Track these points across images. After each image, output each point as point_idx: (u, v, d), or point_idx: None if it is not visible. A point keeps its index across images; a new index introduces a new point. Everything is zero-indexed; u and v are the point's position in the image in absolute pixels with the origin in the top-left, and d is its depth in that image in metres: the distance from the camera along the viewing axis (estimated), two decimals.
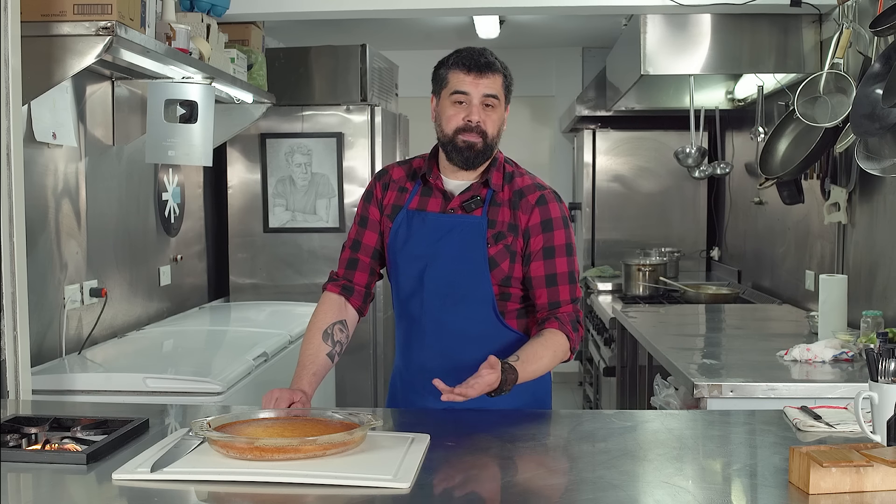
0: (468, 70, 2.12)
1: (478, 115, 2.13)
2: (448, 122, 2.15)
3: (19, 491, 1.65)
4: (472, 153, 2.14)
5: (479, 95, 2.12)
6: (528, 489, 1.64)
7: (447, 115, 2.15)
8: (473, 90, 2.12)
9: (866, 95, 2.96)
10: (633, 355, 4.24)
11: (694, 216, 5.90)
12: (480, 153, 2.15)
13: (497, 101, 2.14)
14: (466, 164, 2.17)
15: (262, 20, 4.23)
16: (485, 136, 2.14)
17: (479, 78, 2.12)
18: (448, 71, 2.16)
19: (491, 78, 2.13)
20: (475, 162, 2.17)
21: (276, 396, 2.03)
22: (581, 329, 2.19)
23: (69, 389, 2.77)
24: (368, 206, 2.30)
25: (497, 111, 2.15)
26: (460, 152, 2.15)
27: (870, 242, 3.35)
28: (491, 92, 2.13)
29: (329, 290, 2.29)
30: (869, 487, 1.51)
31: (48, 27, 2.57)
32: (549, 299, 2.18)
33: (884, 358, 1.76)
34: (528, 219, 2.17)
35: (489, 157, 2.18)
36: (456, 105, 2.14)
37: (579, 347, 2.24)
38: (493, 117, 2.15)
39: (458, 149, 2.15)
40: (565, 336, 2.13)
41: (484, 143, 2.14)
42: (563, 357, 2.15)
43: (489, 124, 2.14)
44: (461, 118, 2.13)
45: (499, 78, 2.15)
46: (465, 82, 2.12)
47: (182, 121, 3.35)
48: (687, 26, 3.90)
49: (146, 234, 3.94)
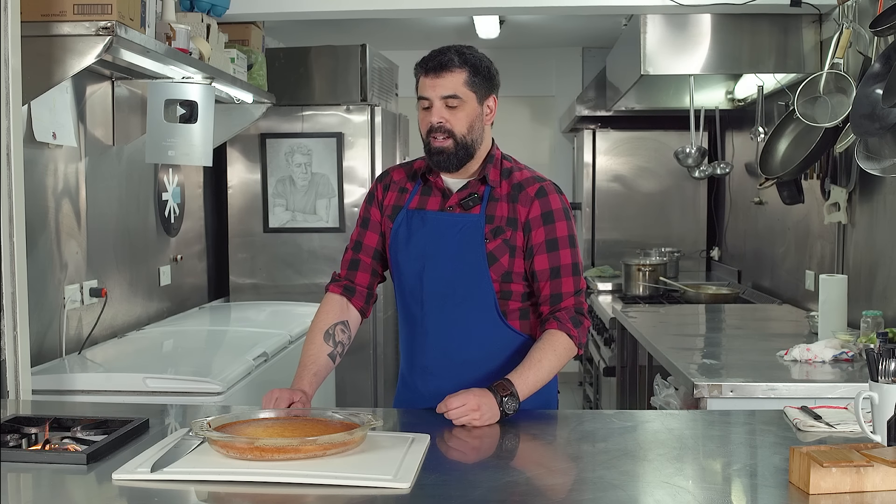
0: (426, 72, 2.13)
1: (437, 117, 2.12)
2: (420, 127, 2.17)
3: (19, 491, 1.65)
4: (444, 156, 2.13)
5: (437, 97, 2.12)
6: (528, 489, 1.64)
7: (419, 119, 2.18)
8: (432, 93, 2.12)
9: (866, 95, 2.96)
10: (633, 355, 4.24)
11: (694, 216, 5.90)
12: (453, 155, 2.14)
13: (458, 101, 2.12)
14: (441, 167, 2.16)
15: (262, 20, 4.23)
16: (453, 135, 2.12)
17: (436, 79, 2.11)
18: (417, 75, 2.17)
19: (447, 77, 2.11)
20: (450, 164, 2.15)
21: (276, 396, 2.04)
22: (586, 320, 2.18)
23: (69, 389, 2.77)
24: (370, 207, 2.31)
25: (463, 109, 2.13)
26: (433, 156, 2.15)
27: (870, 242, 3.35)
28: (448, 92, 2.11)
29: (331, 291, 2.29)
30: (869, 487, 1.51)
31: (48, 27, 2.57)
32: (552, 291, 2.17)
33: (884, 358, 1.76)
34: (528, 211, 2.16)
35: (468, 155, 2.16)
36: (423, 110, 2.15)
37: (587, 340, 2.24)
38: (458, 116, 2.12)
39: (431, 153, 2.15)
40: (566, 334, 2.12)
41: (455, 144, 2.13)
42: (568, 354, 2.14)
43: (455, 123, 2.12)
44: (428, 121, 2.14)
45: (459, 75, 2.11)
46: (425, 86, 2.13)
47: (182, 121, 3.35)
48: (687, 26, 3.90)
49: (146, 234, 3.94)
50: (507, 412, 1.99)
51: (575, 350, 2.15)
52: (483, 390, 2.01)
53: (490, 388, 2.01)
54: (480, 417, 1.96)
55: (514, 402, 2.00)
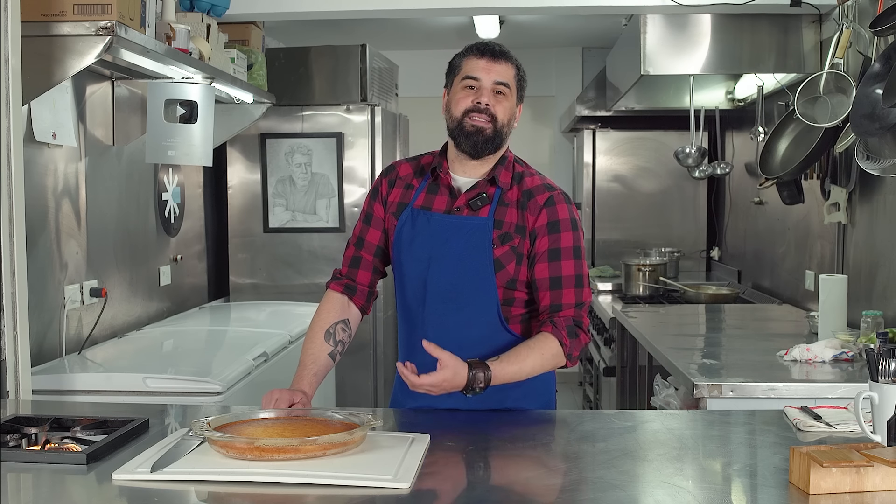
0: (481, 55, 2.14)
1: (488, 98, 2.12)
2: (457, 105, 2.14)
3: (19, 491, 1.65)
4: (481, 137, 2.12)
5: (490, 81, 2.12)
6: (528, 489, 1.64)
7: (457, 98, 2.15)
8: (485, 75, 2.12)
9: (866, 95, 2.96)
10: (633, 355, 4.24)
11: (694, 216, 5.90)
12: (489, 139, 2.13)
13: (508, 90, 2.14)
14: (474, 150, 2.14)
15: (262, 20, 4.23)
16: (494, 120, 2.12)
17: (492, 63, 2.13)
18: (462, 59, 2.17)
19: (504, 65, 2.14)
20: (483, 148, 2.13)
21: (276, 396, 2.03)
22: (583, 335, 2.13)
23: (69, 389, 2.77)
24: (373, 202, 2.28)
25: (508, 100, 2.15)
26: (468, 136, 2.12)
27: (870, 242, 3.35)
28: (502, 79, 2.13)
29: (332, 289, 2.28)
30: (869, 487, 1.51)
31: (48, 27, 2.57)
32: (552, 302, 2.13)
33: (884, 358, 1.76)
34: (536, 220, 2.14)
35: (498, 146, 2.16)
36: (467, 89, 2.14)
37: (580, 355, 2.21)
38: (504, 104, 2.14)
39: (465, 133, 2.13)
40: (558, 341, 2.09)
41: (493, 129, 2.12)
42: (553, 362, 2.10)
43: (499, 110, 2.13)
44: (471, 100, 2.13)
45: (511, 68, 2.15)
46: (477, 67, 2.13)
47: (182, 121, 3.35)
48: (687, 26, 3.90)
49: (146, 234, 3.94)
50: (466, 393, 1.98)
51: (563, 360, 2.10)
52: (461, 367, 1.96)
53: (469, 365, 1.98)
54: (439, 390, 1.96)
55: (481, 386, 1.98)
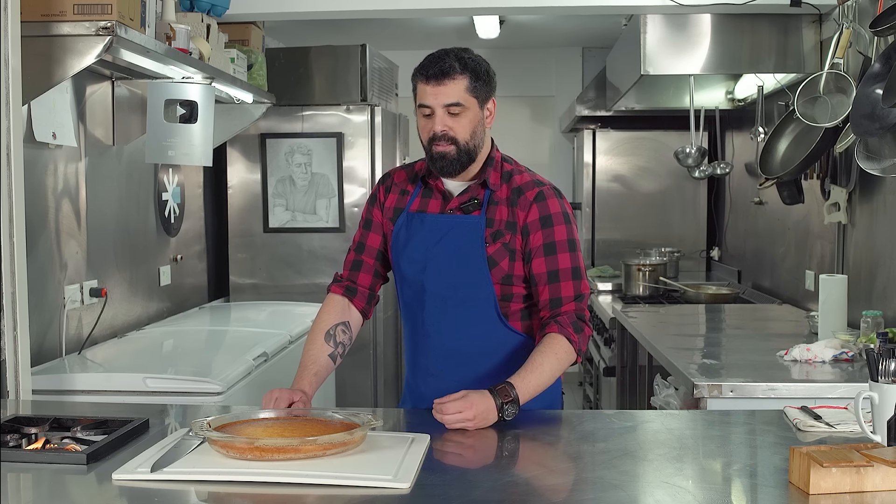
0: (427, 80, 2.10)
1: (441, 125, 2.10)
2: (422, 132, 2.15)
3: (19, 491, 1.65)
4: (446, 162, 2.12)
5: (439, 105, 2.09)
6: (528, 489, 1.64)
7: (420, 125, 2.16)
8: (434, 101, 2.09)
9: (866, 95, 2.96)
10: (633, 355, 4.24)
11: (694, 216, 5.90)
12: (455, 161, 2.13)
13: (461, 108, 2.10)
14: (444, 173, 2.16)
15: (262, 20, 4.23)
16: (456, 142, 2.11)
17: (438, 87, 2.09)
18: (415, 81, 2.14)
19: (449, 85, 2.08)
20: (452, 169, 2.14)
21: (276, 396, 2.04)
22: (587, 328, 2.15)
23: (69, 389, 2.77)
24: (372, 208, 2.31)
25: (465, 116, 2.11)
26: (435, 162, 2.14)
27: (870, 242, 3.35)
28: (451, 101, 2.09)
29: (333, 292, 2.30)
30: (869, 487, 1.51)
31: (48, 27, 2.57)
32: (551, 296, 2.15)
33: (884, 358, 1.76)
34: (526, 216, 2.15)
35: (471, 160, 2.15)
36: (424, 118, 2.13)
37: (586, 348, 2.22)
38: (461, 122, 2.11)
39: (433, 159, 2.14)
40: (566, 339, 2.10)
41: (457, 150, 2.11)
42: (568, 360, 2.11)
43: (458, 130, 2.11)
44: (429, 129, 2.12)
45: (461, 82, 2.09)
46: (425, 93, 2.10)
47: (182, 121, 3.35)
48: (687, 26, 3.90)
49: (146, 234, 3.94)
50: (505, 418, 1.97)
51: (574, 356, 2.11)
52: (483, 394, 1.96)
53: (491, 392, 1.97)
54: (475, 424, 1.94)
55: (514, 408, 1.97)
